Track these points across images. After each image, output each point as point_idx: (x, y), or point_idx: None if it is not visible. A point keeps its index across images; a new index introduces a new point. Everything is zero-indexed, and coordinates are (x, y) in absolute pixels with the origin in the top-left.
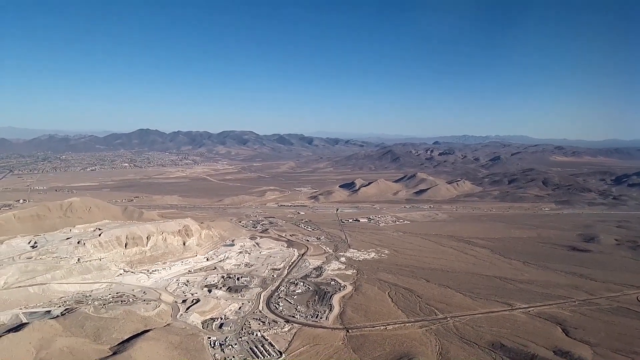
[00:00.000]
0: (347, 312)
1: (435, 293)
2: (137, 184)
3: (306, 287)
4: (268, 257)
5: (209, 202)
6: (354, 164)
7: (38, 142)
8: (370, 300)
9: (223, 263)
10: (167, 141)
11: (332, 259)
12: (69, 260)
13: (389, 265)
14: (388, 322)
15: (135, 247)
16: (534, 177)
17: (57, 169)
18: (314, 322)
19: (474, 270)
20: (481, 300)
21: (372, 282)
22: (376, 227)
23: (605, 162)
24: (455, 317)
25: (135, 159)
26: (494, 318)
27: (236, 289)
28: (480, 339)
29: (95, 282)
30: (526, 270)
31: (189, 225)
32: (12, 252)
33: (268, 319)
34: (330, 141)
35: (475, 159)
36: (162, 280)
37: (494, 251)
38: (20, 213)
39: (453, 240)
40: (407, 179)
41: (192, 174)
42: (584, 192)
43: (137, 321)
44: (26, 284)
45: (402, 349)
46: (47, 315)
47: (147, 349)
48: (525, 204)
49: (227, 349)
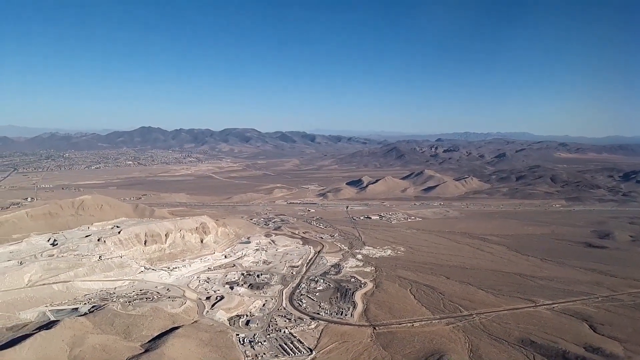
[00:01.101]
0: (371, 309)
1: (457, 290)
2: (143, 182)
3: (327, 284)
4: (285, 254)
5: (217, 199)
6: (359, 162)
7: (40, 140)
8: (392, 298)
9: (241, 260)
10: (169, 139)
11: (349, 257)
12: (90, 258)
13: (407, 263)
14: (414, 319)
15: (155, 244)
16: (541, 173)
17: (62, 167)
18: (339, 319)
19: (492, 267)
20: (504, 297)
21: (392, 280)
22: (388, 225)
23: (611, 158)
24: (481, 314)
25: (138, 157)
26: (520, 315)
27: (258, 286)
28: (509, 336)
29: (117, 280)
30: (545, 267)
31: (206, 223)
32: (32, 249)
33: (293, 316)
34: (332, 138)
35: (480, 155)
36: (183, 277)
37: (510, 248)
38: (33, 211)
39: (467, 238)
40: (415, 176)
41: (197, 171)
42: (593, 188)
43: (164, 318)
44: (50, 281)
45: (432, 346)
46: (75, 313)
47: (179, 345)
48: (535, 200)
49: (257, 345)
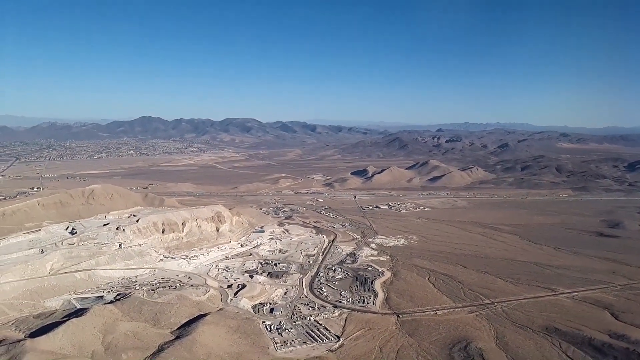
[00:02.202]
0: (392, 298)
1: (476, 279)
2: (146, 172)
3: (345, 273)
4: (300, 243)
5: (223, 189)
6: (362, 152)
7: (39, 130)
8: (412, 286)
9: (257, 249)
10: (169, 129)
11: (363, 246)
12: (110, 246)
13: (421, 252)
14: (437, 307)
15: (172, 233)
16: (546, 164)
17: (63, 157)
18: (361, 307)
19: (507, 256)
20: (523, 285)
21: (409, 268)
22: (398, 214)
23: (612, 149)
24: (502, 302)
25: (140, 147)
26: (541, 303)
27: (277, 275)
28: (533, 323)
29: (138, 268)
30: (559, 256)
31: (221, 212)
32: (51, 238)
33: (316, 304)
34: (333, 129)
35: (483, 146)
36: (202, 266)
37: (522, 237)
38: (44, 200)
39: (478, 227)
40: (420, 166)
41: (200, 161)
42: (599, 178)
43: (190, 306)
44: (72, 269)
45: (458, 333)
46: (100, 301)
47: (209, 332)
48: (542, 190)
49: (284, 332)
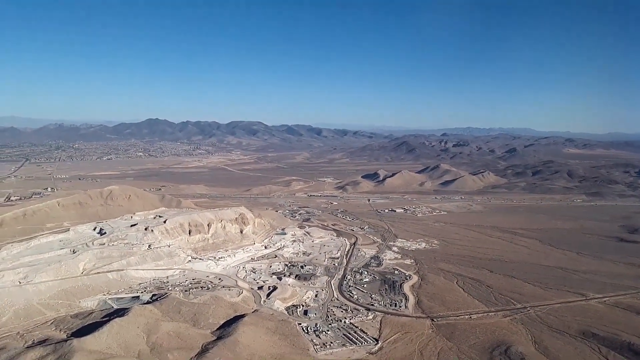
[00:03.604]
0: (424, 301)
1: (504, 283)
2: (157, 173)
3: (372, 276)
4: (322, 246)
5: (237, 191)
6: (370, 155)
7: (47, 131)
8: (441, 290)
9: (282, 251)
10: (176, 131)
11: (385, 249)
12: (140, 247)
13: (445, 256)
14: (470, 311)
15: (198, 234)
16: (557, 169)
17: (73, 158)
18: (394, 310)
19: (531, 261)
20: (552, 290)
21: (435, 272)
22: (415, 218)
23: (620, 154)
24: (535, 307)
25: (148, 149)
26: (573, 308)
27: (305, 277)
28: (569, 328)
29: (168, 269)
30: (583, 260)
31: (244, 214)
32: (80, 238)
33: (349, 307)
34: (338, 132)
35: (490, 150)
36: (229, 267)
37: (543, 242)
38: (64, 200)
39: (497, 231)
40: (430, 170)
41: (210, 163)
42: (612, 184)
43: (226, 307)
44: (104, 269)
45: (496, 338)
46: (137, 301)
47: (249, 333)
48: (555, 195)
49: (322, 335)
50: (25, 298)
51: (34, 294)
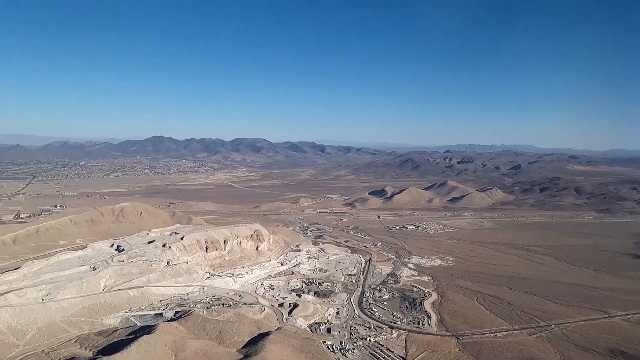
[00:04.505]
0: (446, 319)
1: (525, 300)
2: (165, 190)
3: (390, 293)
4: (337, 262)
5: (245, 208)
6: (375, 172)
7: (52, 149)
8: (462, 308)
9: (298, 268)
10: (181, 148)
11: (400, 266)
12: (159, 264)
13: (462, 273)
14: (495, 329)
15: (215, 250)
16: (564, 185)
17: (80, 175)
18: (418, 328)
19: (549, 278)
20: (574, 307)
21: (454, 289)
22: (427, 235)
23: (624, 171)
24: (559, 325)
25: (154, 166)
26: (598, 325)
27: (324, 294)
28: (596, 346)
29: (188, 285)
30: (601, 278)
31: (260, 230)
32: (99, 255)
33: (372, 324)
34: (342, 149)
35: (495, 167)
36: (247, 284)
37: (559, 259)
38: (76, 218)
39: (511, 248)
40: (438, 187)
41: (216, 180)
42: (621, 201)
43: (249, 324)
44: (124, 286)
45: (524, 356)
46: (160, 318)
47: (276, 352)
48: (565, 212)
49: (348, 353)
50: (48, 315)
51: (56, 311)
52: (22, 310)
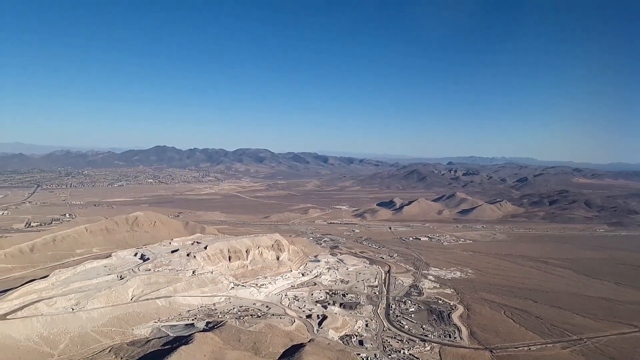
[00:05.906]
0: (477, 332)
1: (552, 314)
2: (171, 200)
3: (416, 305)
4: (358, 273)
5: (254, 218)
6: (380, 183)
7: (55, 158)
8: (491, 321)
9: (319, 279)
10: (184, 158)
11: (421, 277)
12: (184, 273)
13: (483, 285)
14: (528, 343)
15: (238, 260)
16: (573, 198)
17: (84, 184)
18: (450, 341)
19: (571, 291)
20: (603, 321)
21: (479, 302)
22: (441, 246)
23: (629, 184)
24: (592, 339)
25: (158, 175)
26: (630, 339)
27: (350, 306)
28: None
29: (214, 295)
30: (624, 291)
31: (280, 240)
32: (124, 264)
33: (403, 337)
34: (344, 160)
35: (501, 179)
36: (271, 294)
37: (577, 272)
38: (91, 227)
39: (529, 260)
40: (447, 199)
41: (221, 190)
42: (632, 214)
43: (282, 335)
44: (151, 296)
45: None
46: (192, 328)
47: None
48: (577, 225)
49: None
50: (79, 325)
51: (87, 320)
52: (53, 320)
